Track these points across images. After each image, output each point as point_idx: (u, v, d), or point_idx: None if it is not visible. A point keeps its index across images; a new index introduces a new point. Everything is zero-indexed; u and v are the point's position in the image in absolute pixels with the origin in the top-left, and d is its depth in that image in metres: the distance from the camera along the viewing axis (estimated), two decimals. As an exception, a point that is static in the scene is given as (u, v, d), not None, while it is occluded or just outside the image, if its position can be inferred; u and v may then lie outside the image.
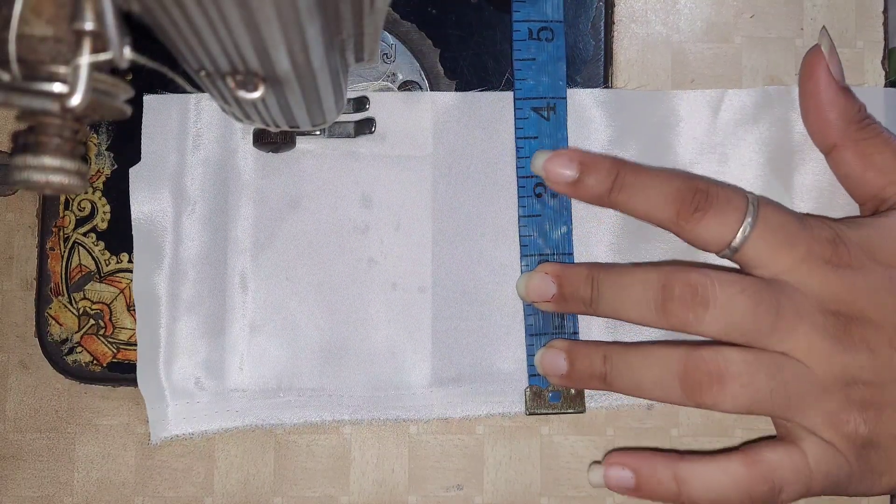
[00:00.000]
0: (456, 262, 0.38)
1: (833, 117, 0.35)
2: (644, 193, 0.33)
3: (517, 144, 0.37)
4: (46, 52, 0.21)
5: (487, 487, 0.38)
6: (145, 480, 0.39)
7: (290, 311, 0.37)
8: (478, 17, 0.39)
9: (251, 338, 0.37)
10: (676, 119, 0.38)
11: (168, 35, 0.22)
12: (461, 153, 0.38)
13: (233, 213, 0.38)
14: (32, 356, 0.39)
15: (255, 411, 0.37)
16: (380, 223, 0.38)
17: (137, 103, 0.37)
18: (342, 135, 0.38)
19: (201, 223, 0.38)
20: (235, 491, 0.39)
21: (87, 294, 0.38)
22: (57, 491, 0.39)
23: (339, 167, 0.38)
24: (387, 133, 0.38)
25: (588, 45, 0.39)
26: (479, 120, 0.38)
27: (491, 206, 0.38)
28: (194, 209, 0.38)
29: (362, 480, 0.38)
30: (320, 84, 0.27)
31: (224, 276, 0.37)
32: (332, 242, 0.38)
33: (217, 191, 0.38)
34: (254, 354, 0.37)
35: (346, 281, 0.38)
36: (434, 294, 0.38)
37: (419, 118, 0.38)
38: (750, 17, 0.40)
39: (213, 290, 0.37)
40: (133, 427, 0.39)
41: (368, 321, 0.38)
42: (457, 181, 0.38)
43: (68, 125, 0.22)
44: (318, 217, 0.38)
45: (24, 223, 0.40)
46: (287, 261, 0.38)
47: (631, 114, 0.38)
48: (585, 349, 0.34)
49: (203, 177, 0.38)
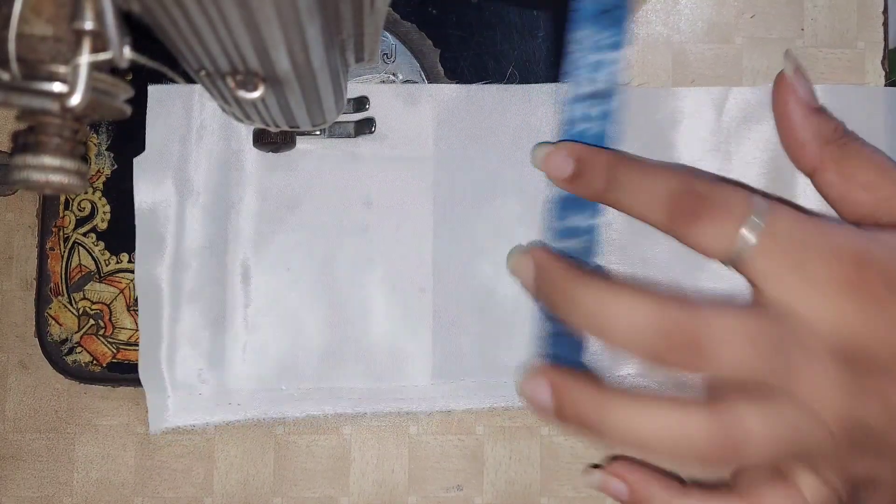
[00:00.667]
0: (456, 262, 0.38)
1: (808, 140, 0.33)
2: (637, 193, 0.30)
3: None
4: (46, 52, 0.21)
5: (487, 488, 0.38)
6: (145, 481, 0.39)
7: (291, 305, 0.38)
8: (478, 17, 0.39)
9: (253, 330, 0.37)
10: (680, 116, 0.38)
11: (168, 35, 0.22)
12: (462, 153, 0.38)
13: (236, 205, 0.38)
14: (32, 356, 0.39)
15: (256, 404, 0.37)
16: (380, 223, 0.38)
17: (138, 100, 0.37)
18: (342, 135, 0.38)
19: (204, 214, 0.38)
20: (235, 491, 0.38)
21: (86, 294, 0.38)
22: (57, 491, 0.39)
23: (340, 167, 0.38)
24: (387, 133, 0.38)
25: (588, 45, 0.39)
26: (480, 115, 0.38)
27: (491, 206, 0.38)
28: (197, 200, 0.38)
29: (362, 481, 0.38)
30: (320, 84, 0.26)
31: (226, 267, 0.38)
32: (332, 242, 0.38)
33: (220, 182, 0.38)
34: (255, 347, 0.37)
35: (346, 281, 0.38)
36: (434, 294, 0.38)
37: (420, 116, 0.38)
38: (750, 17, 0.40)
39: (214, 280, 0.38)
40: (133, 427, 0.39)
41: (369, 318, 0.38)
42: (457, 181, 0.38)
43: (68, 125, 0.22)
44: (319, 217, 0.38)
45: (24, 223, 0.40)
46: (288, 255, 0.38)
47: (634, 111, 0.38)
48: (576, 386, 0.30)
49: (207, 168, 0.38)
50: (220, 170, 0.38)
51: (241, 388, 0.37)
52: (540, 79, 0.39)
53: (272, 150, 0.37)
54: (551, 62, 0.39)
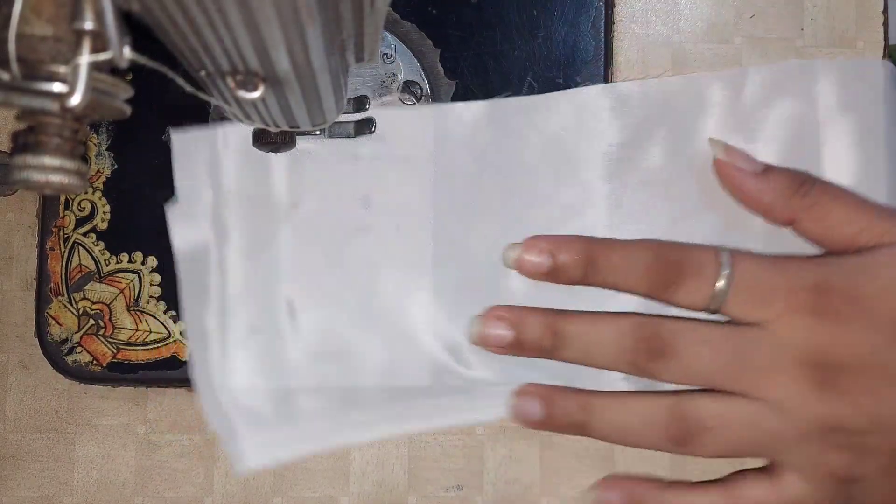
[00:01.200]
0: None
1: (772, 202, 0.34)
2: (616, 274, 0.32)
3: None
4: (46, 52, 0.21)
5: (487, 488, 0.38)
6: (145, 480, 0.39)
7: (340, 334, 0.38)
8: (478, 17, 0.39)
9: (309, 365, 0.38)
10: (701, 103, 0.38)
11: (168, 35, 0.22)
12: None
13: (270, 241, 0.38)
14: (32, 356, 0.39)
15: (324, 435, 0.37)
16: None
17: (137, 102, 0.37)
18: (342, 135, 0.38)
19: (240, 255, 0.38)
20: (235, 491, 0.38)
21: (86, 294, 0.38)
22: (57, 491, 0.39)
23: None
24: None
25: (588, 45, 0.39)
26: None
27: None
28: (233, 241, 0.38)
29: (362, 480, 0.38)
30: (320, 84, 0.27)
31: (271, 306, 0.38)
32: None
33: (252, 220, 0.38)
34: (312, 385, 0.37)
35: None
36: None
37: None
38: (750, 17, 0.40)
39: (262, 321, 0.38)
40: (133, 427, 0.39)
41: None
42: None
43: (68, 125, 0.22)
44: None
45: (24, 223, 0.40)
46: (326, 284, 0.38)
47: (652, 101, 0.38)
48: (562, 396, 0.33)
49: (238, 208, 0.38)
50: (251, 208, 0.38)
51: (307, 421, 0.37)
52: (540, 79, 0.39)
53: (272, 150, 0.37)
54: (551, 62, 0.39)
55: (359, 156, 0.38)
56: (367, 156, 0.38)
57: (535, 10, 0.39)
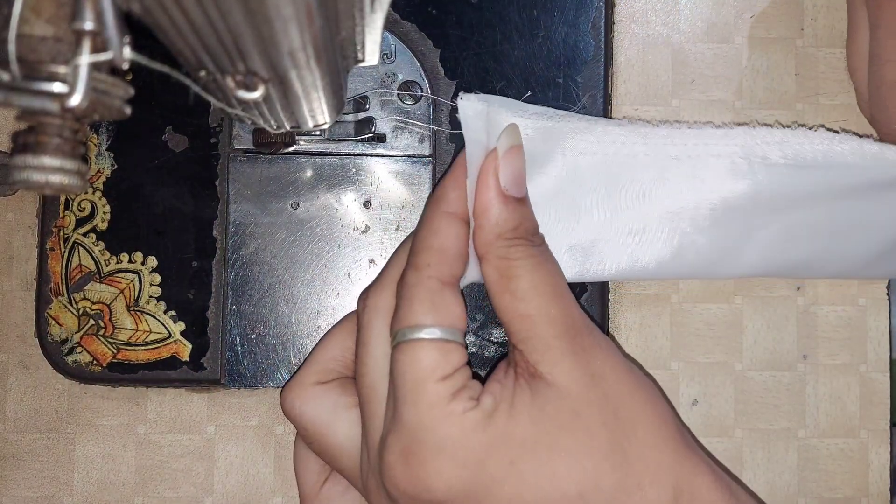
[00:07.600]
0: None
1: (485, 225, 0.31)
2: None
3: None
4: (46, 52, 0.21)
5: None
6: (145, 480, 0.39)
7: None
8: (478, 17, 0.39)
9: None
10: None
11: (168, 35, 0.22)
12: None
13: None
14: (32, 356, 0.39)
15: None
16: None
17: (137, 102, 0.37)
18: (342, 135, 0.38)
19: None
20: (235, 491, 0.39)
21: (87, 294, 0.38)
22: (57, 491, 0.39)
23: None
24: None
25: (588, 45, 0.39)
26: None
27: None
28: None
29: (362, 481, 0.38)
30: (320, 84, 0.27)
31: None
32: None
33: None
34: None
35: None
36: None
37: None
38: (750, 17, 0.40)
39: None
40: (133, 427, 0.39)
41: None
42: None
43: (68, 125, 0.22)
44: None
45: (24, 223, 0.40)
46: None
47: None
48: None
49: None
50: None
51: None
52: (540, 78, 0.39)
53: (272, 150, 0.37)
54: (552, 62, 0.39)
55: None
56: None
57: (535, 10, 0.39)
